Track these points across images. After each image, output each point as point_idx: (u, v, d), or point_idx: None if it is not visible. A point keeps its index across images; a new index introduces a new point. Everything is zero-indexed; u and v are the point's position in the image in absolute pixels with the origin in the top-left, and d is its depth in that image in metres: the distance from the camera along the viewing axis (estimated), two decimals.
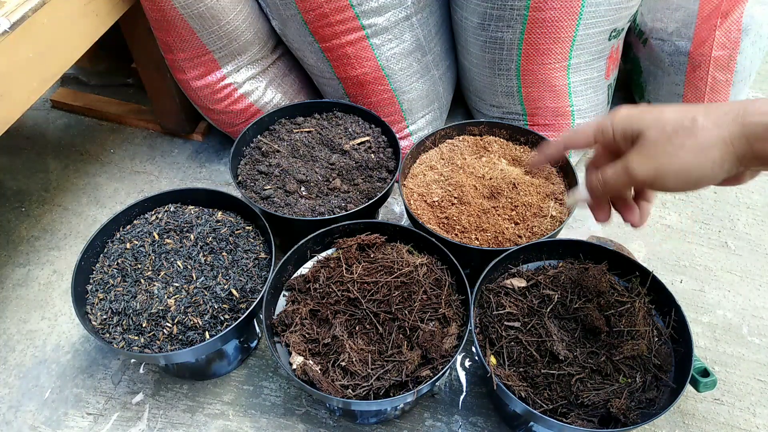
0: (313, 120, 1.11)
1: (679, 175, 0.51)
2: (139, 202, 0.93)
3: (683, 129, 0.51)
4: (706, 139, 0.50)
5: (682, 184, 0.52)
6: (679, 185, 0.52)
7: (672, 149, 0.51)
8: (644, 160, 0.53)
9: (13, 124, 0.82)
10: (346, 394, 0.72)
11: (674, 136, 0.51)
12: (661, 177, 0.52)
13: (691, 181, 0.52)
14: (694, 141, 0.50)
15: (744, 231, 1.13)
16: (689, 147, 0.51)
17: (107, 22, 0.97)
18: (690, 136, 0.51)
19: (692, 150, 0.50)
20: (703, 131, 0.50)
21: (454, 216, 0.91)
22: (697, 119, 0.51)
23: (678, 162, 0.51)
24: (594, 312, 0.76)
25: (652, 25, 1.19)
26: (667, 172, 0.52)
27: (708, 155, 0.50)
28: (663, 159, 0.52)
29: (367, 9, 1.01)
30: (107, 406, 0.90)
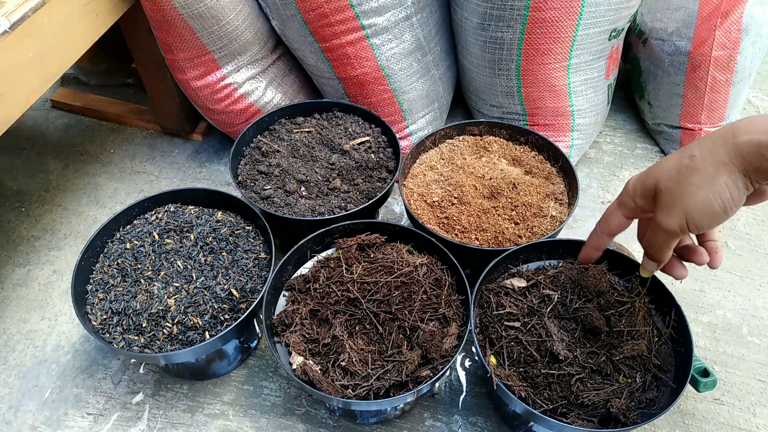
0: (313, 120, 1.11)
1: (704, 211, 0.53)
2: (139, 202, 0.93)
3: (686, 168, 0.53)
4: (709, 169, 0.52)
5: (711, 217, 0.53)
6: (710, 220, 0.54)
7: (686, 190, 0.53)
8: (668, 211, 0.55)
9: (13, 124, 0.82)
10: (346, 394, 0.72)
11: (681, 177, 0.53)
12: (691, 219, 0.54)
13: (718, 212, 0.53)
14: (700, 175, 0.52)
15: (744, 231, 1.13)
16: (699, 182, 0.52)
17: (107, 22, 0.97)
18: (694, 173, 0.53)
19: (703, 183, 0.52)
20: (703, 163, 0.52)
21: (454, 216, 0.91)
22: (694, 155, 0.53)
23: (697, 199, 0.53)
24: (594, 312, 0.76)
25: (652, 25, 1.19)
26: (692, 212, 0.54)
27: (718, 182, 0.51)
28: (683, 202, 0.54)
29: (367, 9, 1.01)
30: (107, 406, 0.90)
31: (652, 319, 0.79)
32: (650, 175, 0.58)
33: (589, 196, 1.20)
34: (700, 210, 0.53)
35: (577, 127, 1.17)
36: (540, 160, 1.01)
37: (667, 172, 0.55)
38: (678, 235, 0.57)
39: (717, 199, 0.52)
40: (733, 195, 0.52)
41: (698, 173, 0.53)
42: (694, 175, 0.53)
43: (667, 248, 0.60)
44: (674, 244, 0.59)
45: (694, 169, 0.53)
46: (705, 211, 0.53)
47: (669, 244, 0.59)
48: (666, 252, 0.61)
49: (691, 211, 0.54)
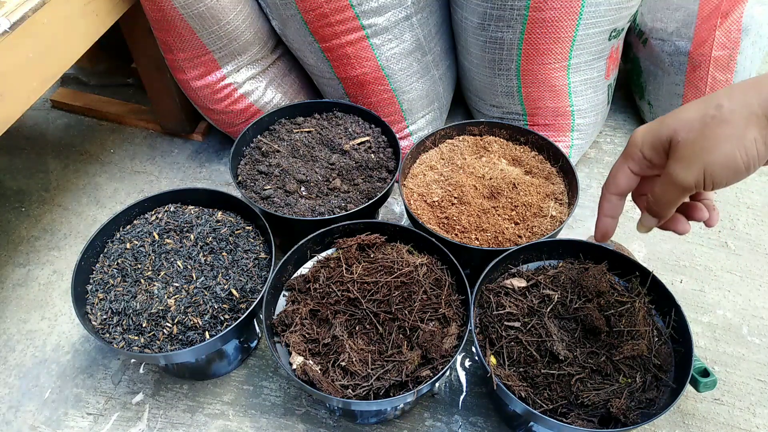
0: (313, 120, 1.11)
1: (728, 167, 0.49)
2: (139, 202, 0.93)
3: (712, 119, 0.49)
4: (739, 121, 0.47)
5: (732, 175, 0.49)
6: (730, 177, 0.49)
7: (710, 143, 0.49)
8: (686, 164, 0.50)
9: (13, 124, 0.82)
10: (346, 394, 0.72)
11: (706, 129, 0.49)
12: (710, 175, 0.49)
13: (741, 170, 0.49)
14: (728, 127, 0.48)
15: (744, 231, 1.13)
16: (726, 135, 0.48)
17: (107, 22, 0.97)
18: (721, 124, 0.48)
19: (731, 137, 0.48)
20: (732, 114, 0.48)
21: (454, 216, 0.91)
22: (722, 105, 0.48)
23: (722, 153, 0.48)
24: (594, 312, 0.76)
25: (652, 25, 1.19)
26: (715, 168, 0.49)
27: (748, 136, 0.47)
28: (705, 157, 0.49)
29: (367, 9, 1.01)
30: (107, 406, 0.90)
31: (652, 319, 0.79)
32: (665, 125, 0.52)
33: (589, 196, 1.20)
34: (724, 165, 0.48)
35: (577, 127, 1.17)
36: (540, 160, 1.01)
37: (687, 122, 0.50)
38: (691, 191, 0.52)
39: (743, 154, 0.48)
40: (760, 152, 0.48)
41: (727, 125, 0.48)
42: (721, 126, 0.48)
43: (675, 204, 0.55)
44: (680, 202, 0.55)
45: (722, 120, 0.48)
46: (728, 166, 0.48)
47: (679, 199, 0.54)
48: (673, 208, 0.56)
49: (713, 165, 0.49)
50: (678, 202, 0.55)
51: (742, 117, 0.47)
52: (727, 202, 1.18)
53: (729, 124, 0.48)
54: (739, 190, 1.20)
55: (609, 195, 0.62)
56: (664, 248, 1.10)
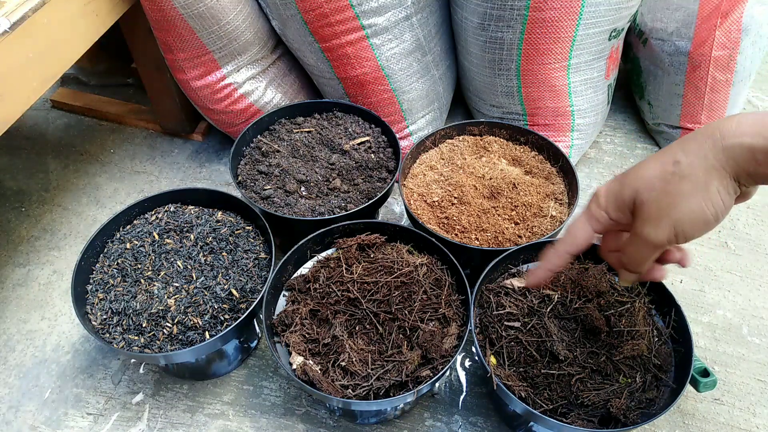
0: (313, 120, 1.11)
1: (697, 221, 0.49)
2: (139, 202, 0.93)
3: (672, 176, 0.49)
4: (699, 175, 0.48)
5: (701, 226, 0.50)
6: (701, 229, 0.50)
7: (674, 200, 0.49)
8: (655, 223, 0.51)
9: (13, 124, 0.82)
10: (346, 394, 0.72)
11: (668, 186, 0.49)
12: (681, 231, 0.50)
13: (710, 221, 0.49)
14: (689, 182, 0.48)
15: (744, 231, 1.13)
16: (689, 190, 0.48)
17: (107, 22, 0.97)
18: (682, 180, 0.49)
19: (693, 192, 0.48)
20: (691, 169, 0.48)
21: (454, 216, 0.91)
22: (679, 161, 0.49)
23: (688, 209, 0.49)
24: (594, 312, 0.76)
25: (652, 25, 1.19)
26: (684, 223, 0.49)
27: (710, 189, 0.48)
28: (672, 214, 0.49)
29: (367, 9, 1.01)
30: (107, 406, 0.90)
31: (652, 319, 0.79)
32: (626, 185, 0.53)
33: (589, 196, 1.19)
34: (692, 220, 0.49)
35: (577, 127, 1.17)
36: (540, 160, 1.01)
37: (648, 180, 0.51)
38: (664, 248, 0.53)
39: (710, 206, 0.48)
40: (725, 201, 0.48)
41: (687, 180, 0.48)
42: (682, 182, 0.48)
43: (650, 261, 0.56)
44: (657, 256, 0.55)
45: (682, 176, 0.48)
46: (697, 220, 0.49)
47: (652, 256, 0.55)
48: (648, 264, 0.56)
49: (682, 222, 0.49)
50: (652, 258, 0.55)
51: (701, 169, 0.48)
52: None
53: (689, 180, 0.48)
54: None
55: (563, 252, 0.60)
56: None
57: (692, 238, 0.51)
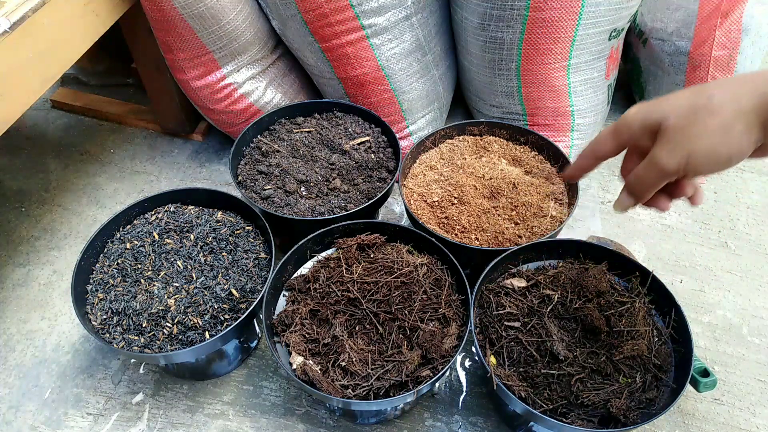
0: (313, 120, 1.11)
1: (710, 157, 0.50)
2: (139, 202, 0.93)
3: (702, 109, 0.50)
4: (727, 114, 0.48)
5: (713, 165, 0.50)
6: (712, 167, 0.51)
7: (696, 132, 0.50)
8: (671, 149, 0.51)
9: (13, 124, 0.82)
10: (346, 394, 0.72)
11: (695, 117, 0.50)
12: (693, 163, 0.51)
13: (722, 161, 0.50)
14: (716, 119, 0.49)
15: (744, 231, 1.13)
16: (713, 126, 0.49)
17: (107, 22, 0.97)
18: (710, 115, 0.49)
19: (716, 129, 0.49)
20: (722, 107, 0.49)
21: (454, 216, 0.91)
22: (713, 96, 0.49)
23: (706, 143, 0.49)
24: (594, 312, 0.76)
25: (652, 25, 1.19)
26: (698, 157, 0.50)
27: (733, 130, 0.48)
28: (690, 145, 0.50)
29: (367, 9, 1.01)
30: (107, 406, 0.90)
31: (652, 319, 0.79)
32: (657, 108, 0.53)
33: (589, 196, 1.20)
34: (707, 155, 0.50)
35: (577, 127, 1.17)
36: (540, 160, 1.01)
37: (678, 108, 0.51)
38: (672, 176, 0.53)
39: (727, 147, 0.49)
40: (743, 146, 0.49)
41: (715, 116, 0.49)
42: (709, 117, 0.49)
43: (655, 187, 0.56)
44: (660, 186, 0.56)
45: (711, 111, 0.49)
46: (711, 156, 0.50)
47: (659, 183, 0.55)
48: (652, 191, 0.57)
49: (697, 154, 0.50)
50: (658, 185, 0.55)
51: (731, 110, 0.48)
52: (727, 202, 1.18)
53: (717, 116, 0.49)
54: (739, 190, 1.21)
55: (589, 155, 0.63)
56: (664, 248, 1.10)
57: (701, 173, 0.52)
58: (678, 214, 1.16)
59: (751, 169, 1.25)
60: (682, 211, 1.17)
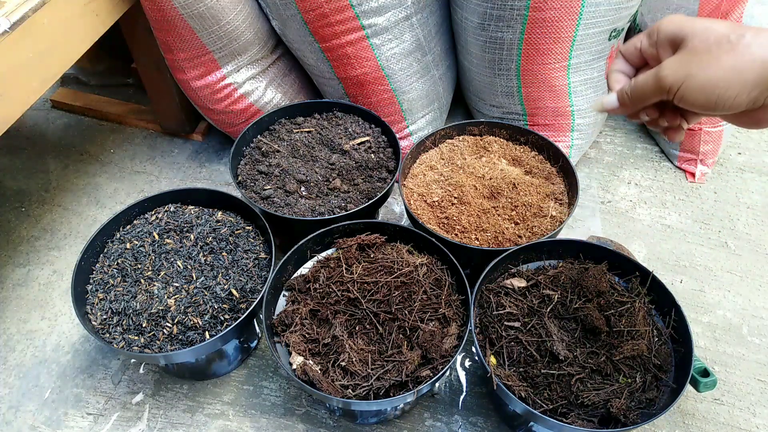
0: (313, 120, 1.11)
1: (702, 89, 0.49)
2: (139, 202, 0.93)
3: (727, 42, 0.48)
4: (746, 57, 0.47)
5: (702, 100, 0.49)
6: (698, 101, 0.49)
7: (707, 60, 0.49)
8: (677, 65, 0.50)
9: (13, 124, 0.82)
10: (346, 394, 0.72)
11: (715, 47, 0.49)
12: (685, 87, 0.50)
13: (711, 100, 0.49)
14: (732, 57, 0.48)
15: (744, 231, 1.13)
16: (725, 62, 0.48)
17: (107, 22, 0.97)
18: (730, 51, 0.48)
19: (726, 66, 0.48)
20: (746, 49, 0.47)
21: (454, 216, 0.91)
22: (744, 35, 0.48)
23: (707, 75, 0.48)
24: (594, 312, 0.76)
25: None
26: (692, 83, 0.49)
27: (741, 75, 0.47)
28: (694, 69, 0.49)
29: (367, 9, 1.01)
30: (107, 406, 0.90)
31: (652, 319, 0.79)
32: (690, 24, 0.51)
33: (589, 196, 1.20)
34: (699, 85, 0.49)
35: (577, 127, 1.17)
36: (540, 160, 1.01)
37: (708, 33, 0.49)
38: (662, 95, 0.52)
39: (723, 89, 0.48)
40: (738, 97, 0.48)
41: (732, 55, 0.47)
42: (728, 54, 0.48)
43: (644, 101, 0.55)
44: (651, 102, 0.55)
45: (733, 48, 0.47)
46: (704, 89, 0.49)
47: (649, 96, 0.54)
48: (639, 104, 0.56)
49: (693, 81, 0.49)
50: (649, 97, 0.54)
51: (752, 55, 0.47)
52: (727, 202, 1.18)
53: (734, 56, 0.48)
54: (739, 190, 1.21)
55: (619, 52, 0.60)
56: (664, 248, 1.10)
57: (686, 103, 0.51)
58: (678, 214, 1.16)
59: (751, 169, 1.25)
60: (682, 211, 1.17)
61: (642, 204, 1.18)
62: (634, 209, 1.17)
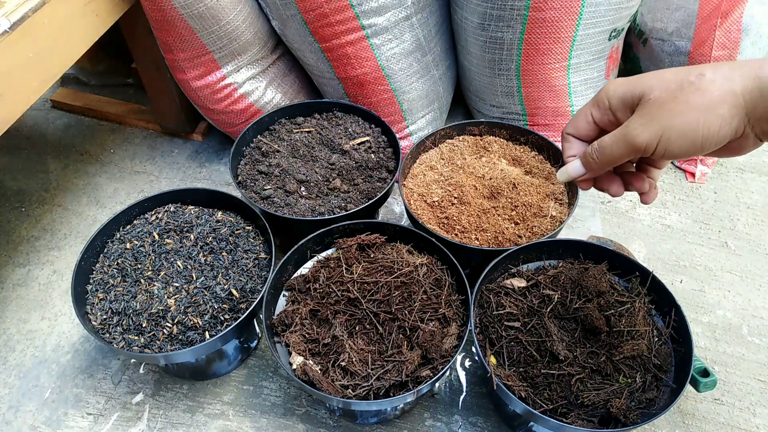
0: (313, 120, 1.11)
1: (685, 137, 0.47)
2: (139, 202, 0.93)
3: (689, 84, 0.47)
4: (715, 93, 0.46)
5: (688, 146, 0.48)
6: (684, 148, 0.48)
7: (677, 108, 0.47)
8: (647, 122, 0.49)
9: (13, 124, 0.82)
10: (346, 394, 0.72)
11: (680, 93, 0.47)
12: (666, 139, 0.48)
13: (697, 143, 0.47)
14: (701, 97, 0.46)
15: (744, 231, 1.13)
16: (696, 103, 0.46)
17: (107, 22, 0.97)
18: (697, 92, 0.47)
19: (700, 107, 0.46)
20: (711, 85, 0.46)
21: (454, 216, 0.91)
22: (704, 74, 0.47)
23: (684, 121, 0.47)
24: (594, 312, 0.76)
25: (652, 25, 1.19)
26: (672, 134, 0.47)
27: (716, 111, 0.46)
28: (667, 120, 0.47)
29: (367, 9, 1.01)
30: (107, 406, 0.90)
31: (652, 319, 0.79)
32: (642, 81, 0.50)
33: (589, 196, 1.20)
34: (682, 133, 0.47)
35: None
36: (540, 160, 1.01)
37: (665, 82, 0.49)
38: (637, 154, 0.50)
39: (704, 129, 0.46)
40: (722, 130, 0.46)
41: (700, 94, 0.46)
42: (695, 94, 0.46)
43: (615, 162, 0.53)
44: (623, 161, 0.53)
45: (698, 88, 0.46)
46: (686, 136, 0.47)
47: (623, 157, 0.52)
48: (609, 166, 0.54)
49: (672, 131, 0.47)
50: (620, 160, 0.53)
51: (720, 90, 0.46)
52: (727, 202, 1.18)
53: (703, 94, 0.47)
54: (739, 190, 1.21)
55: (566, 134, 0.59)
56: (664, 248, 1.10)
57: (670, 155, 0.49)
58: (678, 214, 1.16)
59: (752, 169, 1.25)
60: (682, 211, 1.17)
61: (642, 204, 1.18)
62: (634, 209, 1.17)
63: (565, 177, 0.59)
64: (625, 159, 0.53)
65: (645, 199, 0.59)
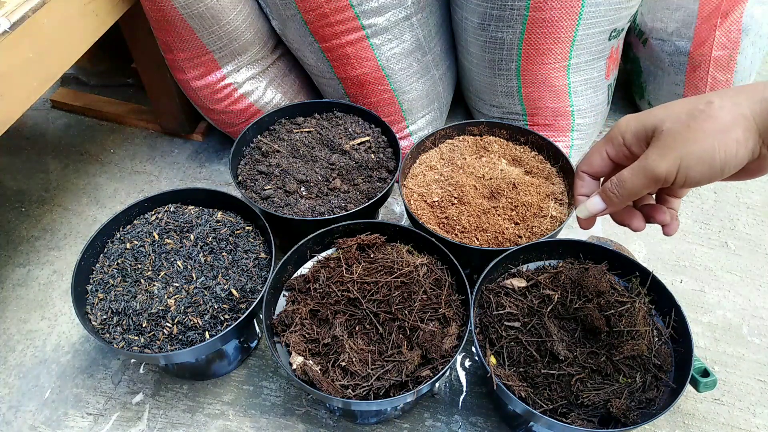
0: (313, 120, 1.11)
1: (703, 163, 0.48)
2: (139, 202, 0.93)
3: (700, 113, 0.48)
4: (727, 118, 0.47)
5: (707, 171, 0.49)
6: (705, 174, 0.49)
7: (692, 135, 0.48)
8: (664, 152, 0.50)
9: (13, 124, 0.82)
10: (346, 394, 0.72)
11: (692, 122, 0.48)
12: (685, 167, 0.49)
13: (716, 167, 0.48)
14: (714, 123, 0.48)
15: (744, 231, 1.13)
16: (711, 130, 0.48)
17: (107, 22, 0.97)
18: (708, 119, 0.48)
19: (713, 132, 0.47)
20: (721, 111, 0.48)
21: (454, 216, 0.91)
22: (712, 102, 0.48)
23: (701, 147, 0.48)
24: (594, 312, 0.76)
25: (652, 25, 1.19)
26: (691, 161, 0.48)
27: (731, 135, 0.47)
28: (684, 147, 0.49)
29: (367, 9, 1.01)
30: (107, 406, 0.90)
31: (652, 319, 0.79)
32: (652, 114, 0.52)
33: None
34: (700, 159, 0.48)
35: (577, 127, 1.17)
36: (540, 160, 1.01)
37: (675, 113, 0.50)
38: (657, 185, 0.51)
39: (722, 152, 0.47)
40: (738, 154, 0.47)
41: (712, 120, 0.47)
42: (707, 121, 0.48)
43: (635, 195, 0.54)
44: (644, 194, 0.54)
45: (709, 115, 0.48)
46: (704, 161, 0.48)
47: (644, 189, 0.53)
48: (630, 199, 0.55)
49: (689, 158, 0.48)
50: (640, 192, 0.54)
51: (730, 115, 0.47)
52: (727, 202, 1.18)
53: (715, 120, 0.48)
54: (739, 190, 1.21)
55: (581, 173, 0.61)
56: (664, 248, 1.10)
57: (691, 181, 0.50)
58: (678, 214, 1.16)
59: None
60: (682, 211, 1.17)
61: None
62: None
63: (585, 213, 0.60)
64: (645, 191, 0.54)
65: (667, 231, 0.60)
